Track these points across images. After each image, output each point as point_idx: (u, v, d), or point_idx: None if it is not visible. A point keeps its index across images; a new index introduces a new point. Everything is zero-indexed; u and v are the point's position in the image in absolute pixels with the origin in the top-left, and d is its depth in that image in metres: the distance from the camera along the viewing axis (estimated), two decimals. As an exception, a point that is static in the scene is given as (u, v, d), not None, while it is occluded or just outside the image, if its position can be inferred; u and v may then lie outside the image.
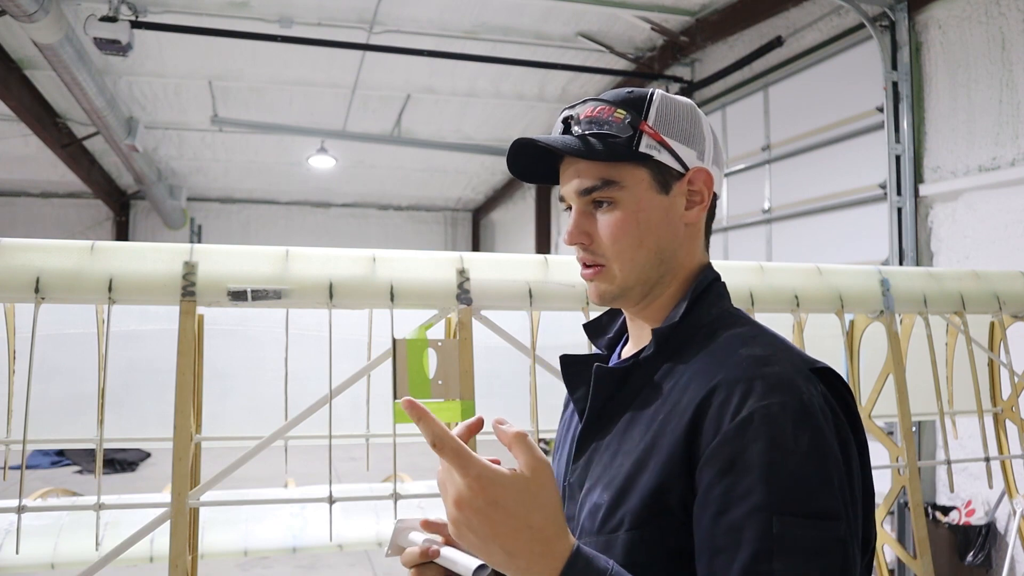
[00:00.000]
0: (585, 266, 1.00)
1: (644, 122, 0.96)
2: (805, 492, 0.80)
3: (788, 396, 0.83)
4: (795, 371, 0.86)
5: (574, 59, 7.43)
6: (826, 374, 0.89)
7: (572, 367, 1.03)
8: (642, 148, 0.95)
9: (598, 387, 0.97)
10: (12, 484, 2.35)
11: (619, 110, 0.96)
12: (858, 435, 0.89)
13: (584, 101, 0.99)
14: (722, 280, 1.02)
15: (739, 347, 0.90)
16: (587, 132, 0.96)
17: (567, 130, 0.99)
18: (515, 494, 0.74)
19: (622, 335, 1.10)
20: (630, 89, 1.00)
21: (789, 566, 0.77)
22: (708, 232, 1.04)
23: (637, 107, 0.97)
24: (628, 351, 1.06)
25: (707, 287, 0.99)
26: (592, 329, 1.13)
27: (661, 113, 0.97)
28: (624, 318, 1.10)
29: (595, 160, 0.96)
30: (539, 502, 0.75)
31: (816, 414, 0.83)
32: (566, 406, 1.14)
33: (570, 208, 1.01)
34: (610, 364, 1.05)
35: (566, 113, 1.00)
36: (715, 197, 1.02)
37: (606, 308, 1.12)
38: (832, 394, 0.88)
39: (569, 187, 0.99)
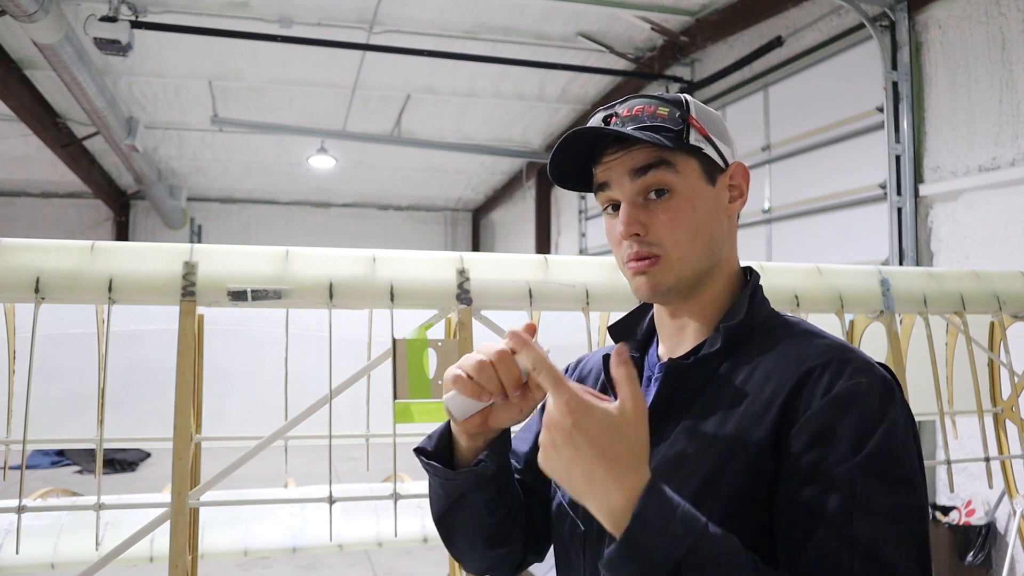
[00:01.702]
0: (637, 260, 0.98)
1: (692, 116, 0.98)
2: (890, 460, 0.84)
3: (874, 377, 0.89)
4: (871, 359, 0.93)
5: (574, 59, 7.43)
6: (888, 369, 0.95)
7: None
8: (692, 140, 0.97)
9: (668, 382, 0.97)
10: (12, 484, 2.35)
11: (663, 107, 0.98)
12: (920, 447, 0.94)
13: (624, 100, 1.00)
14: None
15: (814, 338, 0.96)
16: (635, 127, 0.96)
17: (607, 125, 0.99)
18: (600, 424, 0.77)
19: (649, 337, 1.09)
20: (659, 94, 1.02)
21: (869, 526, 0.80)
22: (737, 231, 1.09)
23: (679, 105, 0.99)
24: (665, 352, 1.05)
25: (756, 288, 1.04)
26: (618, 331, 1.11)
27: (700, 112, 1.00)
28: (649, 319, 1.09)
29: (656, 146, 0.95)
30: (622, 436, 0.77)
31: (898, 396, 0.89)
32: None
33: (614, 208, 0.99)
34: (646, 364, 1.07)
35: (604, 113, 1.00)
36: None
37: (624, 310, 1.14)
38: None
39: (620, 170, 0.97)
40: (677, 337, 1.03)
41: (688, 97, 1.01)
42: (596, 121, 1.01)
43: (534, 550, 1.11)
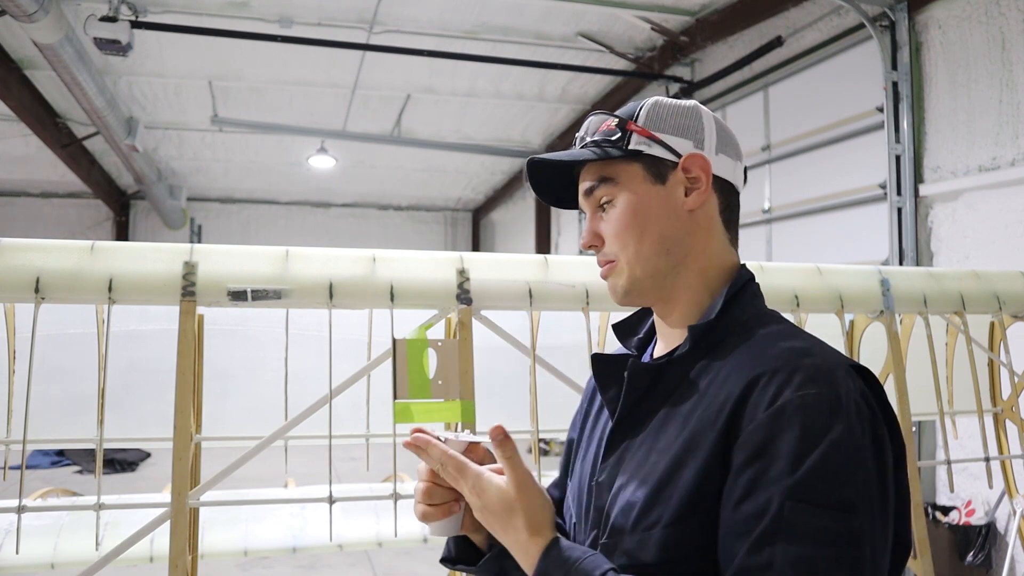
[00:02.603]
0: (601, 266, 1.04)
1: (631, 122, 1.01)
2: (825, 482, 0.80)
3: (824, 387, 0.84)
4: (835, 364, 0.87)
5: (574, 59, 7.42)
6: (865, 372, 0.91)
7: (603, 367, 1.04)
8: (632, 145, 1.00)
9: (632, 384, 0.98)
10: (12, 484, 2.35)
11: (612, 119, 1.02)
12: (896, 437, 0.89)
13: (590, 115, 1.07)
14: (756, 281, 1.03)
15: (779, 340, 0.92)
16: (587, 143, 1.03)
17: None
18: (498, 501, 0.92)
19: (652, 336, 1.11)
20: (632, 102, 1.06)
21: (791, 551, 0.79)
22: (732, 226, 1.06)
23: (630, 113, 1.03)
24: (659, 351, 1.06)
25: (743, 287, 1.00)
26: (621, 330, 1.14)
27: (652, 113, 1.02)
28: (652, 319, 1.11)
29: (596, 161, 1.01)
30: (515, 510, 0.91)
31: (850, 408, 0.84)
32: (587, 404, 1.14)
33: None
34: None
35: (577, 133, 1.07)
36: (732, 188, 1.04)
37: (632, 309, 1.14)
38: (871, 393, 0.89)
39: (581, 195, 1.05)
40: (668, 339, 1.04)
41: (648, 100, 1.03)
42: (576, 143, 1.08)
43: None
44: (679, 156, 0.99)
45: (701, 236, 1.01)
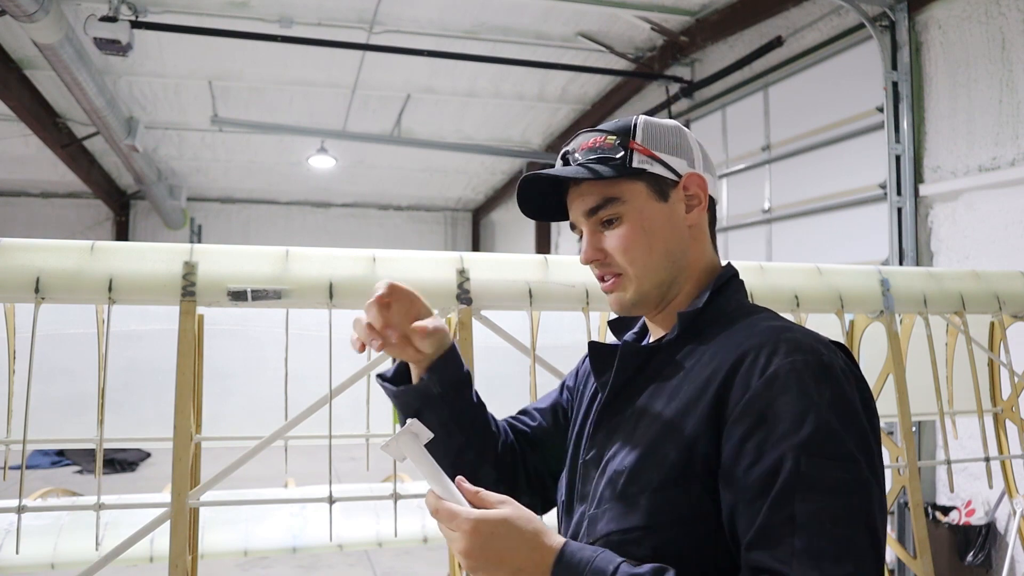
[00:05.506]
0: (603, 280, 1.10)
1: (632, 140, 1.06)
2: (829, 436, 0.86)
3: (810, 355, 0.92)
4: (815, 338, 0.96)
5: (574, 59, 7.42)
6: (844, 348, 0.98)
7: (599, 353, 1.11)
8: (635, 164, 1.05)
9: (623, 363, 1.05)
10: (12, 484, 2.35)
11: (610, 136, 1.07)
12: (872, 421, 0.94)
13: (577, 135, 1.11)
14: (740, 278, 1.12)
15: (762, 323, 1.00)
16: (586, 161, 1.07)
17: (567, 164, 1.10)
18: (504, 526, 0.90)
19: (645, 332, 1.19)
20: (616, 119, 1.10)
21: (811, 504, 0.84)
22: (713, 234, 1.14)
23: (625, 131, 1.07)
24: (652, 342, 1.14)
25: (728, 281, 1.09)
26: (616, 325, 1.23)
27: (647, 132, 1.07)
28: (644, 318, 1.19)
29: (597, 180, 1.06)
30: (520, 527, 0.90)
31: (836, 372, 0.91)
32: (576, 392, 1.23)
33: (582, 234, 1.11)
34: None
35: (564, 149, 1.11)
36: (713, 201, 1.12)
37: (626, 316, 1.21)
38: (852, 364, 0.97)
39: (576, 211, 1.10)
40: (658, 331, 1.13)
41: (638, 119, 1.08)
42: (559, 157, 1.12)
43: (530, 500, 1.19)
44: (678, 175, 1.07)
45: (697, 247, 1.10)
